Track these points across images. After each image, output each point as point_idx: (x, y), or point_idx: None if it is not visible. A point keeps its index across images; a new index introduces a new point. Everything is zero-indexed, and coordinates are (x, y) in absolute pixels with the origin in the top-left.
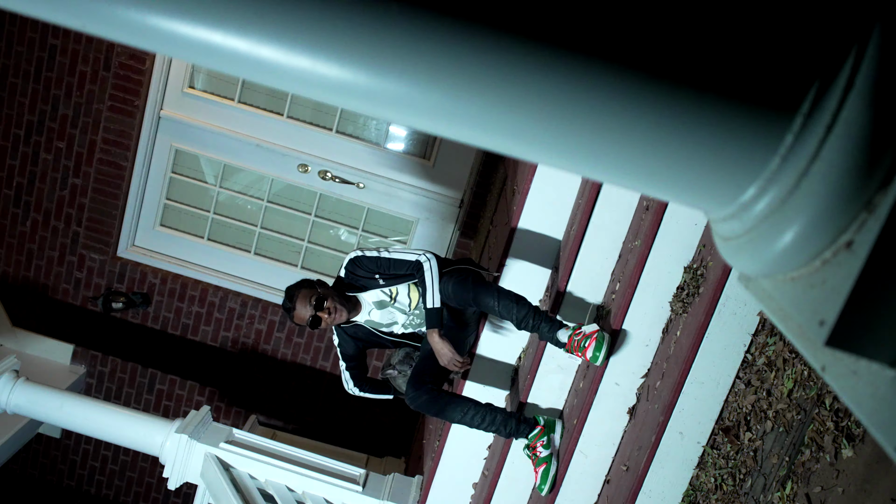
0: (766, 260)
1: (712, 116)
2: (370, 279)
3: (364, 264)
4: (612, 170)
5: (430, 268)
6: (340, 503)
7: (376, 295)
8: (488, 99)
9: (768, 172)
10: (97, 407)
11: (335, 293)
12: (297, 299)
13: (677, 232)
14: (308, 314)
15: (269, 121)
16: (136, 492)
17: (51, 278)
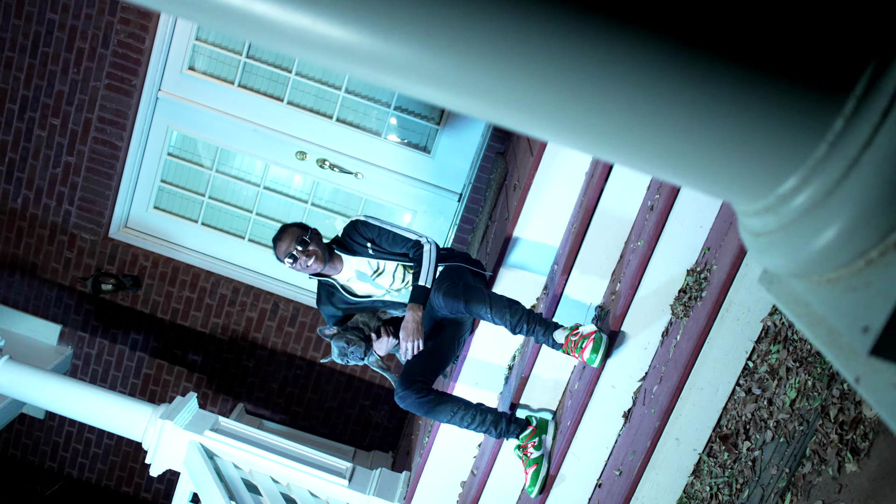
0: (801, 258)
1: (752, 97)
2: (361, 246)
3: (362, 229)
4: (636, 150)
5: (429, 250)
6: (325, 497)
7: (361, 263)
8: (506, 68)
9: (813, 161)
10: (81, 389)
11: (321, 243)
12: (285, 234)
13: (682, 233)
14: (287, 249)
15: (268, 105)
16: (118, 476)
17: (40, 257)
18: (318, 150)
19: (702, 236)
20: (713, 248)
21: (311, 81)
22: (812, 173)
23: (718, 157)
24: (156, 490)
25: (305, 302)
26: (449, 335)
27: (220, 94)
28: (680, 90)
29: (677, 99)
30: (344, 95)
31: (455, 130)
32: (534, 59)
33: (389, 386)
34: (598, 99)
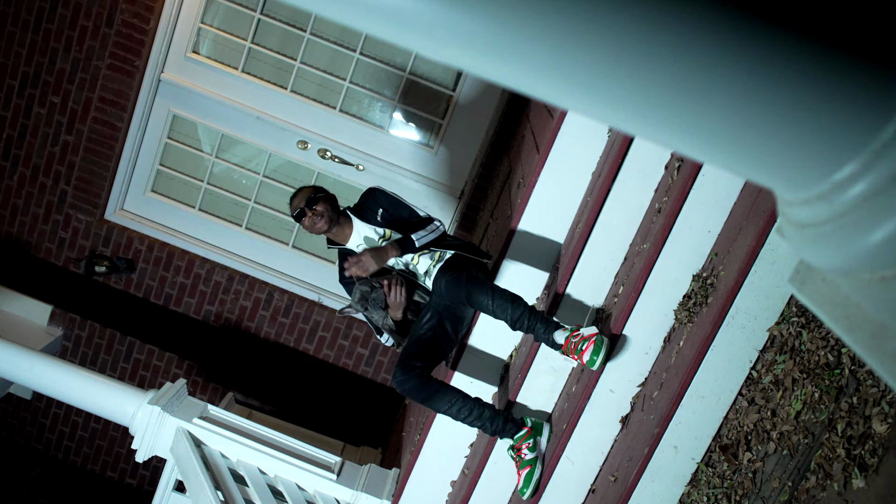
0: (854, 253)
1: (816, 71)
2: (372, 213)
3: (377, 196)
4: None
5: (436, 226)
6: (313, 490)
7: (369, 230)
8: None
9: (878, 144)
10: (69, 371)
11: (331, 205)
12: (300, 193)
13: (689, 237)
14: (297, 205)
15: (271, 94)
16: (104, 461)
17: (34, 236)
18: (320, 140)
19: (709, 241)
20: (721, 254)
21: (315, 70)
22: (875, 158)
23: (772, 137)
24: (141, 476)
25: (300, 293)
26: (448, 327)
27: (223, 80)
28: (731, 60)
29: (726, 70)
30: (349, 86)
31: (459, 128)
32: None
33: (381, 381)
34: (649, 68)
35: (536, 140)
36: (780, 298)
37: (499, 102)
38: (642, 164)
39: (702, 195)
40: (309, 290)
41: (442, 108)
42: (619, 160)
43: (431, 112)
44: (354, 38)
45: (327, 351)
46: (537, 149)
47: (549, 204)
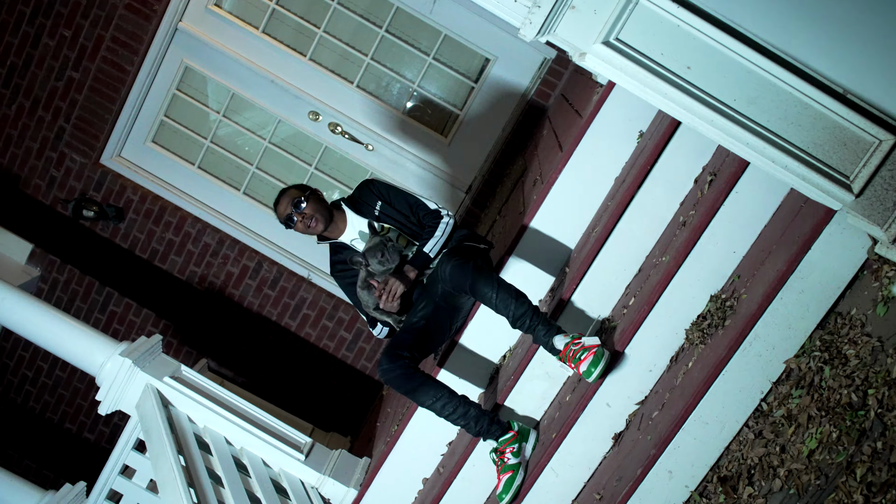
0: None
1: None
2: (369, 206)
3: (374, 187)
4: None
5: (446, 223)
6: (279, 468)
7: (365, 225)
8: None
9: None
10: (43, 309)
11: (320, 203)
12: (283, 197)
13: (712, 256)
14: (285, 211)
15: (289, 59)
16: (64, 411)
17: (25, 170)
18: (332, 113)
19: (733, 262)
20: (744, 277)
21: (338, 41)
22: None
23: None
24: (100, 433)
25: (290, 266)
26: (443, 318)
27: (242, 38)
28: None
29: None
30: (370, 62)
31: (476, 121)
32: None
33: (361, 368)
34: None
35: (559, 138)
36: (803, 330)
37: (520, 101)
38: (671, 175)
39: (732, 213)
40: (299, 265)
41: (461, 99)
42: (648, 167)
43: (450, 101)
44: (382, 13)
45: (309, 330)
46: (560, 147)
47: (566, 204)
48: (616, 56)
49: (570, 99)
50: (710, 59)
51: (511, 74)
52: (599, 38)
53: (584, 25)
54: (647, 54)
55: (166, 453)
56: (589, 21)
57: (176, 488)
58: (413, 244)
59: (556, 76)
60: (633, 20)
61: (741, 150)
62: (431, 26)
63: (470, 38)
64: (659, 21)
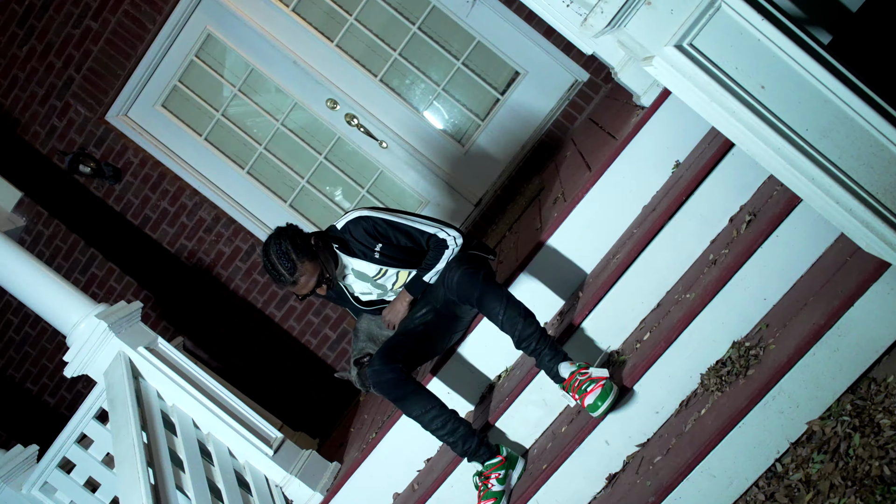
0: None
1: None
2: (367, 248)
3: (370, 229)
4: None
5: (451, 252)
6: (244, 460)
7: (363, 265)
8: None
9: None
10: (22, 257)
11: (327, 257)
12: (303, 276)
13: (741, 300)
14: (305, 291)
15: (316, 42)
16: (27, 370)
17: (26, 115)
18: (351, 104)
19: (762, 309)
20: (774, 327)
21: (367, 31)
22: None
23: None
24: (61, 397)
25: None
26: (443, 327)
27: (269, 13)
28: None
29: None
30: (397, 58)
31: (497, 132)
32: None
33: (341, 369)
34: None
35: (586, 159)
36: (832, 392)
37: (544, 119)
38: (705, 210)
39: (768, 257)
40: None
41: (485, 109)
42: (683, 199)
43: (473, 109)
44: (417, 9)
45: (293, 323)
46: (588, 167)
47: (588, 225)
48: (687, 63)
49: (601, 122)
50: (787, 81)
51: (539, 92)
52: (672, 40)
53: (658, 25)
54: (720, 66)
55: (129, 427)
56: (664, 21)
57: (134, 465)
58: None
59: (585, 99)
60: (711, 27)
61: (803, 186)
62: (465, 30)
63: (503, 48)
64: (739, 32)
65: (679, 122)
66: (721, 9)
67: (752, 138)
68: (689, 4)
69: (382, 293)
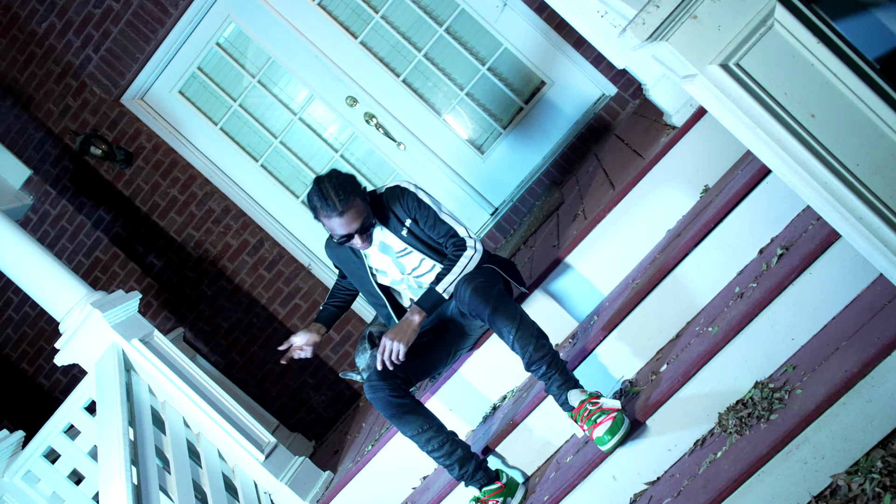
0: None
1: None
2: (398, 222)
3: (410, 204)
4: None
5: (469, 257)
6: (233, 463)
7: (391, 238)
8: None
9: None
10: (19, 237)
11: (374, 219)
12: (350, 212)
13: (767, 338)
14: (347, 230)
15: (340, 37)
16: (24, 350)
17: (40, 92)
18: (371, 102)
19: (790, 350)
20: (801, 369)
21: (393, 30)
22: None
23: None
24: (56, 381)
25: (293, 252)
26: (448, 342)
27: (294, 5)
28: None
29: None
30: (421, 59)
31: (518, 142)
32: None
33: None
34: None
35: (610, 177)
36: (861, 445)
37: (568, 132)
38: (734, 240)
39: (799, 295)
40: (302, 253)
41: (507, 117)
42: (711, 226)
43: (496, 116)
44: (446, 11)
45: (297, 321)
46: (611, 185)
47: (608, 247)
48: (732, 84)
49: (627, 139)
50: (840, 111)
51: (564, 103)
52: (717, 59)
53: (703, 41)
54: (768, 89)
55: (116, 423)
56: (710, 37)
57: (117, 463)
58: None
59: (612, 114)
60: (761, 47)
61: (846, 224)
62: (493, 35)
63: (530, 56)
64: (791, 54)
65: (711, 144)
66: (773, 28)
67: (797, 169)
68: (739, 21)
69: (398, 279)
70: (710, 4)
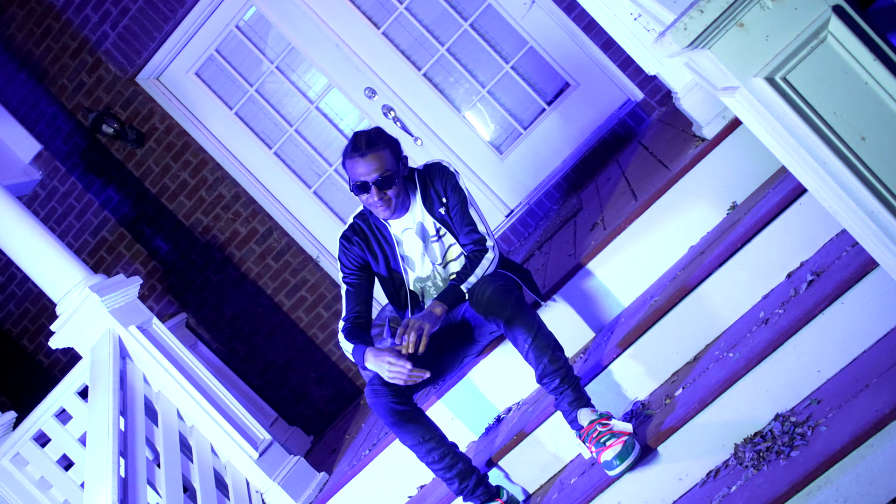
0: None
1: None
2: (435, 198)
3: (450, 185)
4: None
5: (490, 259)
6: (225, 459)
7: (427, 220)
8: None
9: None
10: (19, 213)
11: (403, 183)
12: (374, 154)
13: (792, 368)
14: (363, 177)
15: (362, 27)
16: (25, 327)
17: (55, 67)
18: (390, 95)
19: (815, 382)
20: (827, 405)
21: (416, 23)
22: None
23: None
24: (55, 359)
25: (301, 243)
26: (456, 348)
27: None
28: None
29: None
30: (443, 53)
31: (538, 144)
32: None
33: (345, 368)
34: None
35: (632, 186)
36: (888, 491)
37: (590, 136)
38: (761, 262)
39: (828, 325)
40: (311, 244)
41: (528, 118)
42: (738, 246)
43: (516, 117)
44: (471, 6)
45: (302, 314)
46: (634, 195)
47: (627, 259)
48: (776, 99)
49: (651, 148)
50: (894, 135)
51: (588, 106)
52: (763, 71)
53: (749, 51)
54: (816, 107)
55: (106, 411)
56: (756, 47)
57: (104, 454)
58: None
59: (637, 121)
60: (812, 61)
61: (888, 256)
62: (518, 33)
63: (555, 56)
64: (843, 71)
65: (742, 159)
66: (826, 41)
67: (840, 195)
68: (789, 32)
69: (425, 275)
70: (758, 12)
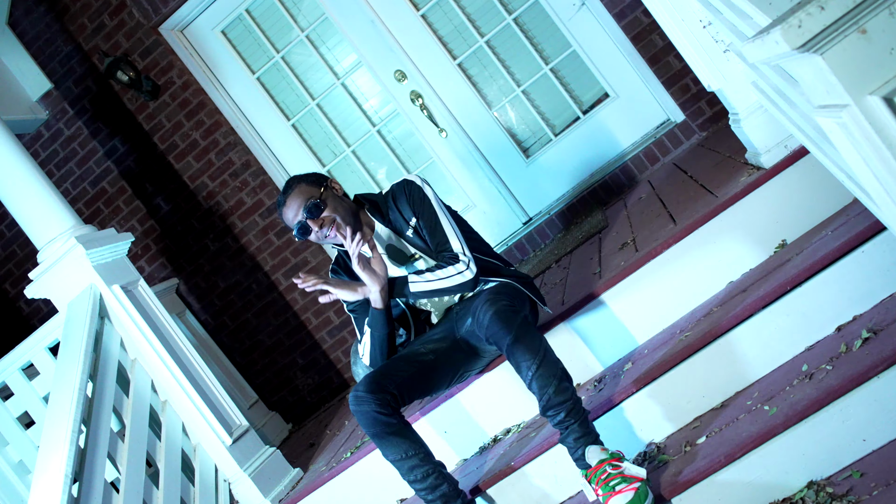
0: None
1: None
2: (402, 221)
3: (416, 200)
4: None
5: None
6: (195, 441)
7: (395, 239)
8: None
9: None
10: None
11: (344, 204)
12: (293, 194)
13: (834, 433)
14: (296, 218)
15: (401, 6)
16: (9, 270)
17: (77, 4)
18: (420, 81)
19: (859, 452)
20: (871, 479)
21: (458, 10)
22: None
23: None
24: (36, 308)
25: None
26: (456, 362)
27: None
28: None
29: None
30: (482, 45)
31: (567, 152)
32: None
33: (334, 359)
34: None
35: (669, 209)
36: None
37: (624, 152)
38: (810, 310)
39: (883, 391)
40: None
41: (562, 124)
42: (787, 288)
43: (549, 121)
44: (518, 0)
45: (297, 296)
46: (672, 218)
47: (660, 287)
48: (893, 123)
49: (691, 171)
50: None
51: (625, 120)
52: (882, 89)
53: (868, 63)
54: None
55: (74, 373)
56: (878, 59)
57: (64, 419)
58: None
59: (674, 142)
60: None
61: None
62: (563, 34)
63: (598, 64)
64: None
65: (800, 195)
66: None
67: None
68: None
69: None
70: (886, 19)
